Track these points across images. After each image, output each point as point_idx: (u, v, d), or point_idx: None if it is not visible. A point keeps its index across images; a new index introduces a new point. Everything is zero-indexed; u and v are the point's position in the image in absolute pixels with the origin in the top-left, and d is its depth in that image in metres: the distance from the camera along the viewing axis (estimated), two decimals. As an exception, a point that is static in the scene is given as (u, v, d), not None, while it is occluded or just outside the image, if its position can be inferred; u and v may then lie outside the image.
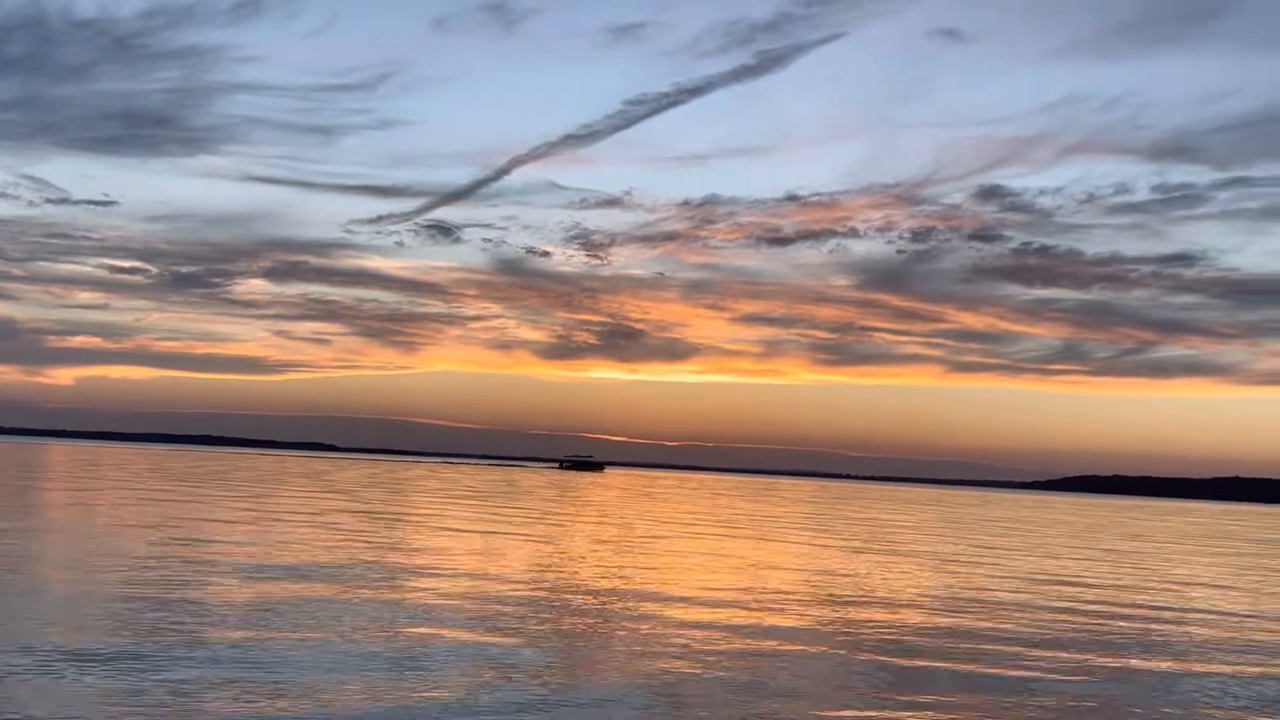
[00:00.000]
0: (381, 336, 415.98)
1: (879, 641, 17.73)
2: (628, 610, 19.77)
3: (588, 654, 15.37)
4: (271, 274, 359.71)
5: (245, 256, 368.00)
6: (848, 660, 15.95)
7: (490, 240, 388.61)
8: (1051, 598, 26.18)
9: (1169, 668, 16.97)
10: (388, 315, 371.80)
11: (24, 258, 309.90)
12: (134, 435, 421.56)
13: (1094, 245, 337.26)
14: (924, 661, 16.18)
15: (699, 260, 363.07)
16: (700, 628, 18.21)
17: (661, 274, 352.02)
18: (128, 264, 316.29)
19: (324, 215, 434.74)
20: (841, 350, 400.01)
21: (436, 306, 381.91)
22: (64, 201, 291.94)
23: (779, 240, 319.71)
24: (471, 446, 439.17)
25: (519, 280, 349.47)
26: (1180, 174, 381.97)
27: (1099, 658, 17.48)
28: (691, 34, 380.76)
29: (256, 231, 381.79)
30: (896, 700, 13.39)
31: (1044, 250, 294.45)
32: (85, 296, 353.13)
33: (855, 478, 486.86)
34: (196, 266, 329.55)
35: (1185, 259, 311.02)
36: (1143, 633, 20.83)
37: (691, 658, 15.40)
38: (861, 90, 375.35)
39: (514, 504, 60.93)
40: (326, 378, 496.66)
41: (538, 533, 38.84)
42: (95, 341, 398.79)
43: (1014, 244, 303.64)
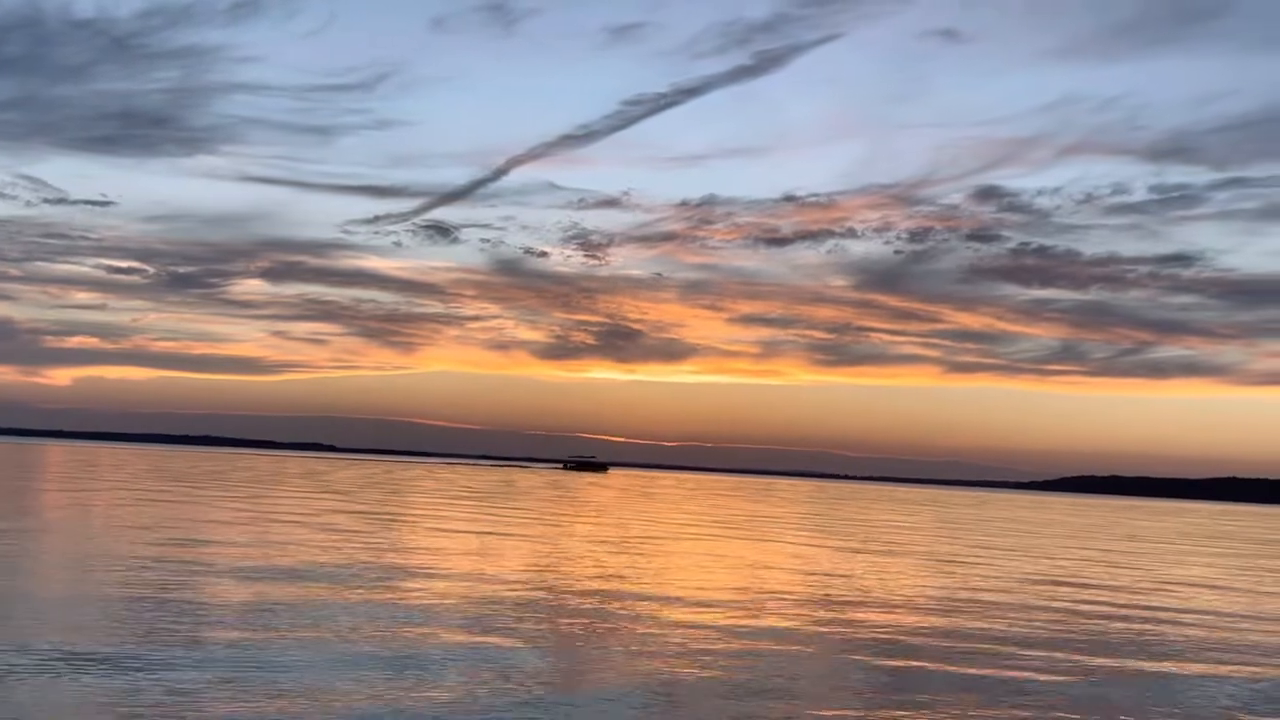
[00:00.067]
0: (379, 337, 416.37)
1: (876, 642, 17.76)
2: (625, 611, 19.80)
3: (585, 654, 15.39)
4: (269, 274, 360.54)
5: (243, 257, 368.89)
6: (844, 661, 15.98)
7: (488, 240, 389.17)
8: (1048, 598, 26.21)
9: (1166, 668, 17.00)
10: (385, 315, 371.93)
11: (21, 258, 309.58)
12: (131, 435, 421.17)
13: (1091, 245, 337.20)
14: (921, 662, 16.21)
15: (697, 261, 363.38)
16: (697, 628, 18.24)
17: (659, 274, 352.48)
18: (125, 264, 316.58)
19: (322, 215, 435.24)
20: (839, 350, 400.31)
21: (434, 307, 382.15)
22: (61, 201, 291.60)
23: (777, 241, 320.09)
24: (469, 447, 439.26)
25: (517, 280, 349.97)
26: (1178, 174, 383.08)
27: (1095, 658, 17.51)
28: (689, 34, 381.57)
29: (254, 232, 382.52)
30: (893, 701, 13.42)
31: (1041, 250, 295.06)
32: (82, 297, 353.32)
33: (853, 478, 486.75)
34: (194, 267, 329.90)
35: (1183, 259, 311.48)
36: (1139, 633, 20.86)
37: (689, 658, 15.43)
38: (859, 91, 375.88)
39: (512, 504, 60.93)
40: (324, 378, 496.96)
41: (535, 533, 38.86)
42: (92, 342, 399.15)
43: (1011, 244, 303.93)
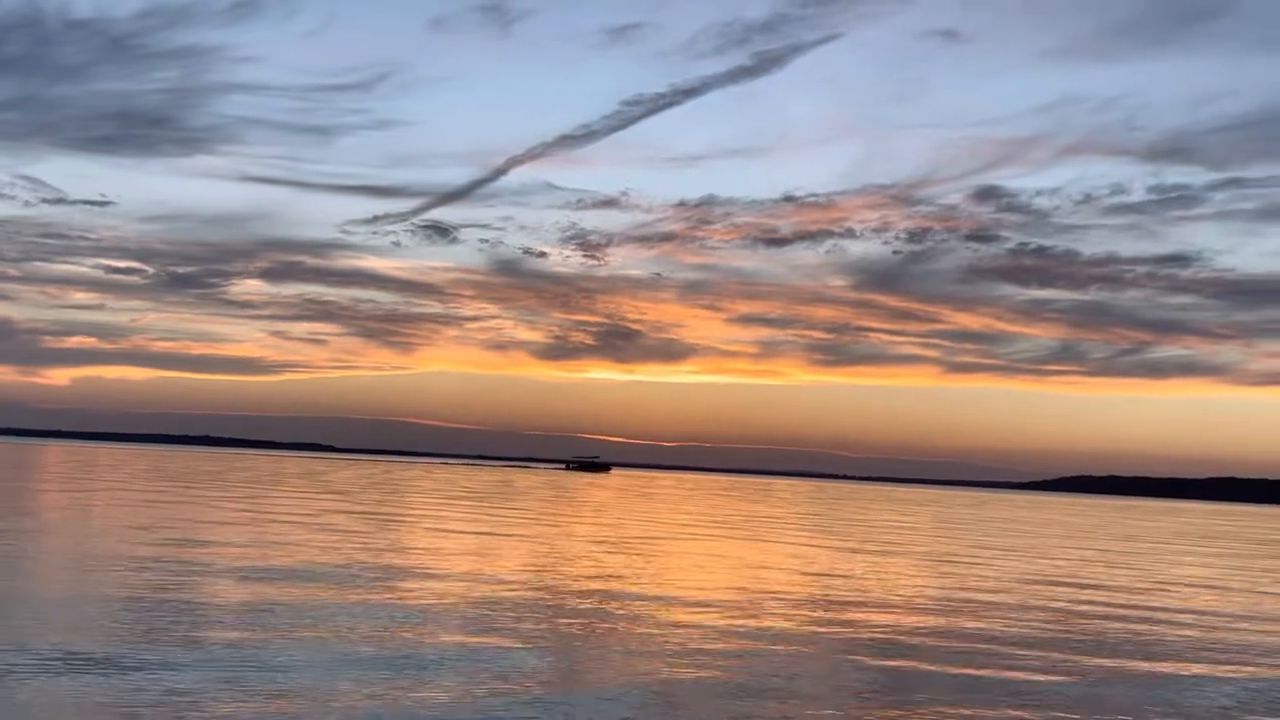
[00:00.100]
0: (378, 337, 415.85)
1: (874, 642, 17.77)
2: (624, 611, 19.80)
3: (583, 655, 15.40)
4: (268, 274, 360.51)
5: (242, 257, 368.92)
6: (843, 661, 15.99)
7: (487, 241, 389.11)
8: (1045, 598, 26.23)
9: (1163, 669, 17.01)
10: (384, 316, 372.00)
11: (20, 258, 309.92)
12: (130, 436, 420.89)
13: (1090, 246, 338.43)
14: (919, 663, 16.22)
15: (696, 261, 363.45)
16: (696, 628, 18.24)
17: (658, 274, 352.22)
18: (124, 264, 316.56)
19: (321, 215, 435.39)
20: (838, 351, 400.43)
21: (433, 307, 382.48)
22: (60, 201, 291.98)
23: (775, 241, 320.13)
24: (468, 447, 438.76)
25: (516, 281, 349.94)
26: (1176, 175, 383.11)
27: (1093, 659, 17.52)
28: (687, 35, 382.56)
29: (253, 232, 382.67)
30: (891, 701, 13.43)
31: (1040, 251, 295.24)
32: (81, 297, 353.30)
33: (851, 478, 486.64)
34: (193, 267, 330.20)
35: (1181, 260, 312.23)
36: (1137, 634, 20.88)
37: (687, 658, 15.44)
38: (858, 91, 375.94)
39: (511, 505, 60.93)
40: (323, 378, 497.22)
41: (534, 533, 38.86)
42: (91, 342, 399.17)
43: (1010, 244, 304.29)
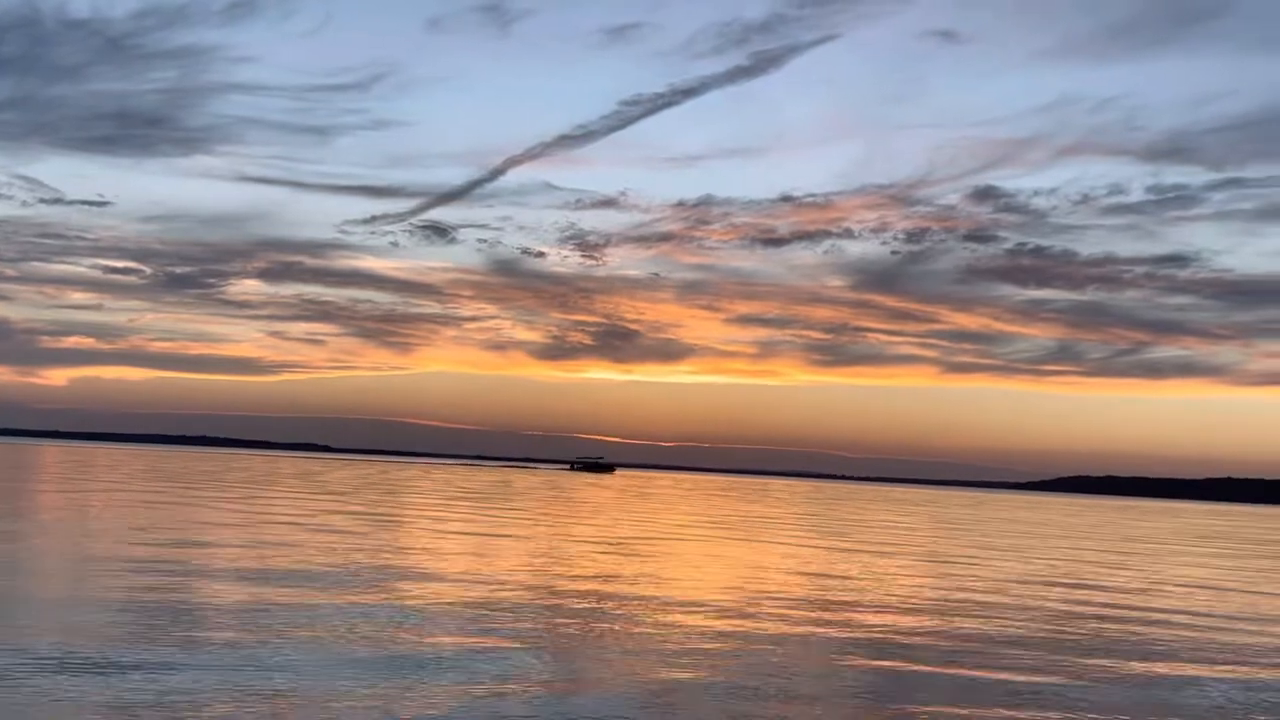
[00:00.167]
0: (376, 337, 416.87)
1: (871, 643, 17.76)
2: (622, 611, 19.80)
3: (582, 655, 15.39)
4: (266, 274, 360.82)
5: (239, 257, 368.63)
6: (840, 662, 15.98)
7: (485, 241, 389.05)
8: (1043, 599, 26.23)
9: (1161, 670, 17.00)
10: (382, 316, 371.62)
11: (17, 258, 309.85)
12: (128, 436, 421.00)
13: (1088, 246, 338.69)
14: (916, 663, 16.21)
15: (694, 261, 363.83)
16: (693, 629, 18.24)
17: (656, 274, 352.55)
18: (121, 264, 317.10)
19: (319, 215, 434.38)
20: (836, 351, 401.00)
21: (431, 307, 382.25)
22: (58, 201, 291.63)
23: (774, 241, 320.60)
24: (466, 447, 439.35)
25: (514, 281, 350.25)
26: (1174, 175, 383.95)
27: (1090, 659, 17.51)
28: (686, 35, 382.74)
29: (251, 232, 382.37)
30: (889, 702, 13.42)
31: (1038, 251, 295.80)
32: (79, 297, 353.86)
33: (850, 478, 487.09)
34: (190, 267, 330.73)
35: (1179, 260, 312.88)
36: (1135, 634, 20.88)
37: (685, 659, 15.43)
38: (856, 91, 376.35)
39: (509, 505, 60.92)
40: (321, 378, 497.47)
41: (532, 534, 38.85)
42: (89, 342, 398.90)
43: (1008, 245, 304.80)
